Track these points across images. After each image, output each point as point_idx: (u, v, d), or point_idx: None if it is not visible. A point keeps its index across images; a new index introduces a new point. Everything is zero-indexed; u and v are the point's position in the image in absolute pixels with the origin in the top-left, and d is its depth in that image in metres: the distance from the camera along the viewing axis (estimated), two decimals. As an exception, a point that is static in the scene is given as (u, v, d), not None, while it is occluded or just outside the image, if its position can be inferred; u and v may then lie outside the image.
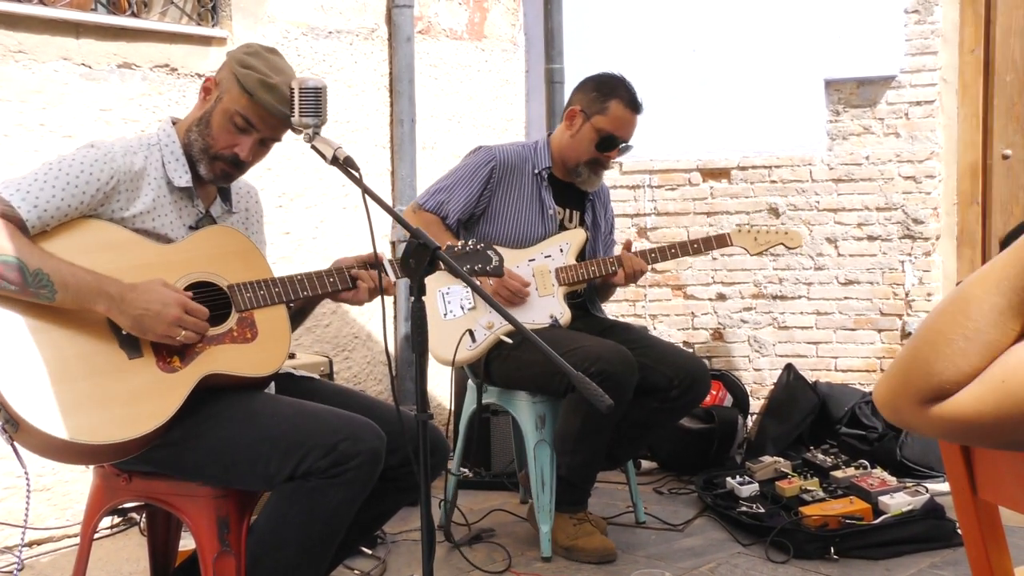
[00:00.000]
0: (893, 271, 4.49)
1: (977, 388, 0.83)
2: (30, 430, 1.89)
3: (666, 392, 3.06)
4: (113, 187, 2.06)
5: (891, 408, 0.89)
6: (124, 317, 1.97)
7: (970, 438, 0.89)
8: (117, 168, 2.07)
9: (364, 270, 2.26)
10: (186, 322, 2.00)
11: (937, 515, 3.18)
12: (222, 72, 2.19)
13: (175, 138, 2.20)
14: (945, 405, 0.85)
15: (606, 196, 3.48)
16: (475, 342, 3.07)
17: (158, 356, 2.03)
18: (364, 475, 2.02)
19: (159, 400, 2.00)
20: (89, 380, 1.95)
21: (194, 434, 2.04)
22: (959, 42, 4.46)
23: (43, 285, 1.91)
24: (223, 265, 2.15)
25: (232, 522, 2.08)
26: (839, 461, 3.62)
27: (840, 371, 4.56)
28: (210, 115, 2.17)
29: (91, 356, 1.97)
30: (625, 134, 3.21)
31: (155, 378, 2.01)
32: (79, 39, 3.27)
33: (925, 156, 4.45)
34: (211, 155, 2.18)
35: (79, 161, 2.04)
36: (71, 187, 2.00)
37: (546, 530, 3.04)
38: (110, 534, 3.29)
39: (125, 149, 2.12)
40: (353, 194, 3.99)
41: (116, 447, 1.97)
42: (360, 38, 4.15)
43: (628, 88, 3.20)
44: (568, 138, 3.23)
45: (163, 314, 1.97)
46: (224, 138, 2.16)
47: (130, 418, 1.96)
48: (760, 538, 3.17)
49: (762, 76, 4.56)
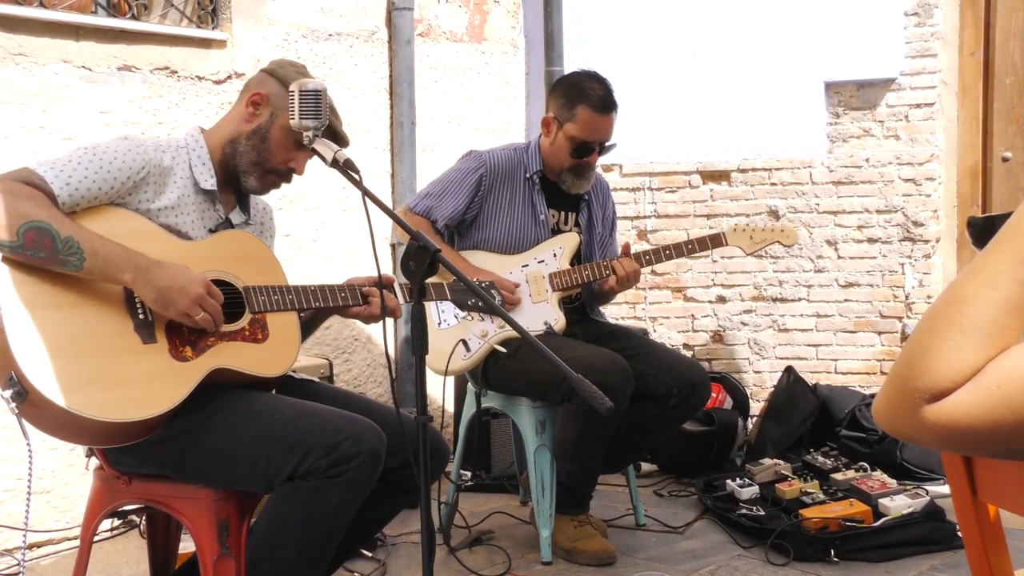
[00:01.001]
0: (893, 273, 4.49)
1: (971, 391, 0.80)
2: (39, 400, 1.89)
3: (665, 400, 3.05)
4: (143, 177, 2.10)
5: (888, 417, 0.86)
6: (149, 289, 1.99)
7: (967, 446, 0.85)
8: (149, 160, 2.11)
9: (375, 288, 2.27)
10: (207, 303, 2.03)
11: (937, 518, 3.18)
12: (270, 86, 2.21)
13: (203, 144, 2.24)
14: (940, 407, 0.81)
15: (604, 194, 3.41)
16: (469, 351, 3.06)
17: (171, 344, 2.05)
18: (364, 475, 2.02)
19: (168, 387, 2.02)
20: (102, 359, 1.97)
21: (196, 429, 2.05)
22: (959, 44, 4.46)
23: (72, 252, 1.93)
24: (240, 267, 2.19)
25: (232, 524, 2.08)
26: (839, 463, 3.62)
27: (840, 373, 4.56)
28: (267, 131, 2.21)
29: (106, 336, 1.99)
30: (599, 137, 3.13)
31: (166, 365, 2.03)
32: (79, 41, 3.27)
33: (925, 159, 4.45)
34: (265, 169, 2.24)
35: (113, 149, 2.08)
36: (104, 171, 2.04)
37: (546, 535, 3.04)
38: (110, 537, 3.29)
39: (156, 145, 2.17)
40: (353, 196, 3.99)
41: (120, 427, 1.97)
42: (360, 40, 4.15)
43: (595, 89, 3.10)
44: (548, 145, 3.20)
45: (188, 290, 2.00)
46: (281, 154, 2.23)
47: (137, 400, 1.97)
48: (760, 540, 3.17)
49: (762, 78, 4.57)
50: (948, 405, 0.81)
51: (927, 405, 0.82)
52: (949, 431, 0.81)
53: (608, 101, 3.11)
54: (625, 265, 3.12)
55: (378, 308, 2.26)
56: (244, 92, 2.28)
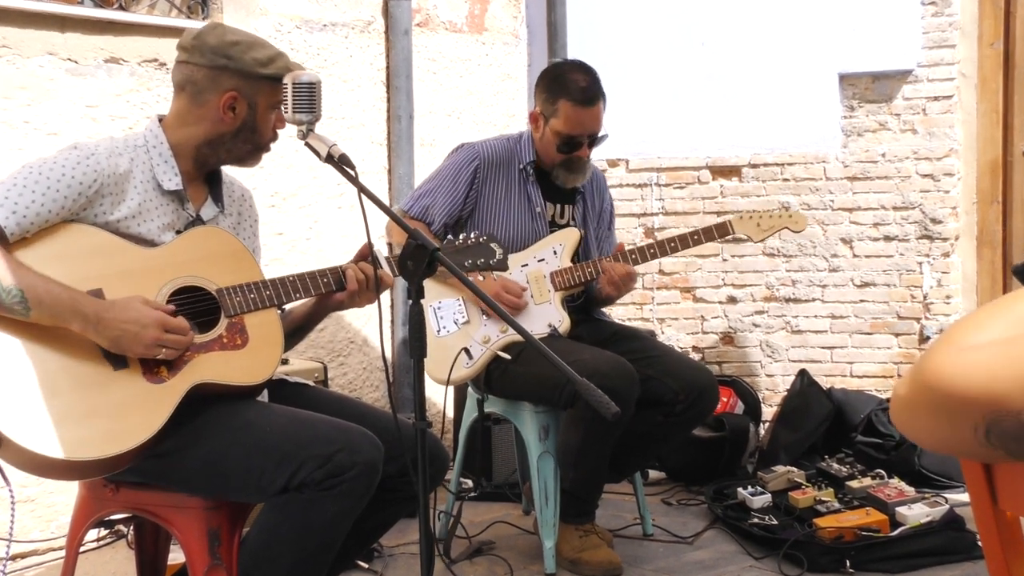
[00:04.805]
0: (911, 273, 4.49)
1: (997, 348, 0.84)
2: (12, 447, 1.90)
3: (671, 406, 3.04)
4: (96, 191, 2.05)
5: (907, 376, 0.92)
6: (101, 338, 1.97)
7: (977, 401, 0.88)
8: (101, 170, 2.06)
9: (355, 265, 2.25)
10: (166, 341, 2.00)
11: (957, 527, 3.18)
12: (232, 81, 2.15)
13: (163, 139, 2.19)
14: (963, 352, 0.85)
15: (600, 186, 3.38)
16: (472, 359, 3.05)
17: (144, 366, 2.02)
18: (360, 487, 2.02)
19: (146, 413, 1.99)
20: (73, 393, 1.95)
21: (184, 445, 2.04)
22: (978, 35, 4.46)
23: (17, 301, 1.91)
24: (211, 268, 2.15)
25: (223, 534, 2.08)
26: (855, 471, 3.61)
27: (856, 377, 4.56)
28: (254, 122, 2.20)
29: (74, 368, 1.97)
30: (584, 130, 3.10)
31: (142, 390, 2.01)
32: (65, 33, 3.28)
33: (943, 153, 4.45)
34: (259, 147, 2.25)
35: (60, 164, 2.03)
36: (52, 191, 1.99)
37: (550, 545, 3.04)
38: (97, 547, 3.29)
39: (110, 150, 2.11)
40: (348, 193, 3.99)
41: (102, 463, 1.97)
42: (356, 31, 4.16)
43: (576, 80, 3.07)
44: (538, 141, 3.19)
45: (141, 336, 1.97)
46: (269, 128, 2.23)
47: (116, 432, 1.96)
48: (772, 551, 3.16)
49: (774, 70, 4.57)
50: (964, 352, 0.86)
51: (946, 351, 0.87)
52: (966, 387, 0.85)
53: (591, 92, 3.07)
54: (617, 269, 3.08)
55: (355, 283, 2.22)
56: (188, 87, 2.18)
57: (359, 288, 2.24)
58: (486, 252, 2.40)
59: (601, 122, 3.13)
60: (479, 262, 2.38)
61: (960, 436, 0.89)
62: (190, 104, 2.19)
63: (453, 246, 2.38)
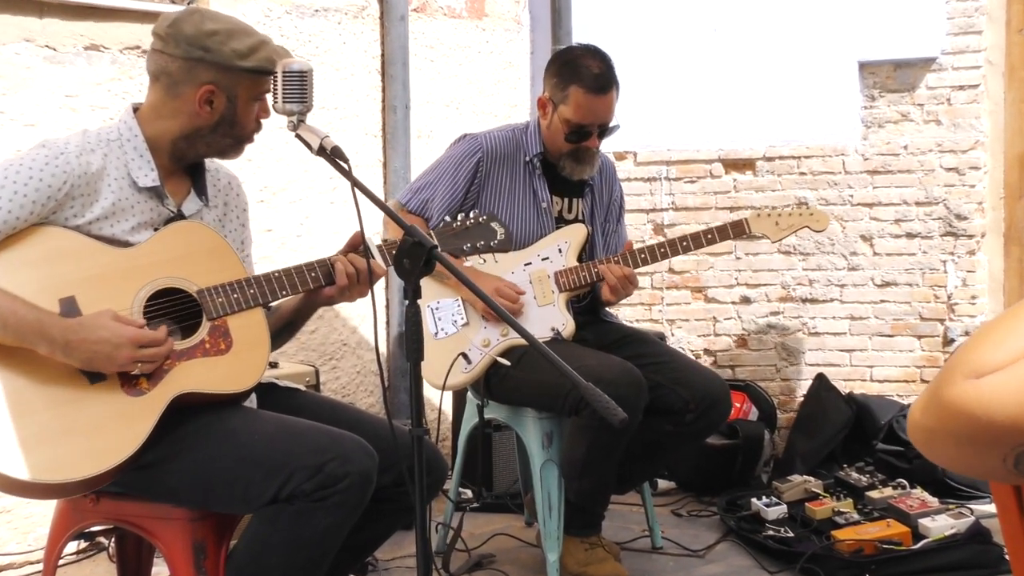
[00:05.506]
0: (934, 271, 4.48)
1: (1012, 372, 0.85)
2: None
3: (681, 415, 3.03)
4: (67, 193, 2.04)
5: (924, 397, 0.92)
6: (72, 360, 1.96)
7: (1006, 434, 0.88)
8: (71, 171, 2.04)
9: (344, 258, 2.23)
10: (142, 357, 1.99)
11: (983, 539, 3.18)
12: (210, 74, 2.12)
13: (138, 132, 2.17)
14: (978, 383, 0.86)
15: (610, 177, 3.37)
16: (470, 363, 3.04)
17: (123, 378, 2.01)
18: (353, 498, 2.02)
19: (126, 428, 1.99)
20: (49, 411, 1.95)
21: (168, 456, 2.04)
22: (1006, 21, 4.45)
23: None
24: (191, 267, 2.13)
25: (209, 547, 2.08)
26: (875, 480, 3.61)
27: (876, 381, 4.56)
28: (234, 114, 2.17)
29: (49, 384, 1.96)
30: (595, 119, 3.09)
31: (121, 403, 2.00)
32: (42, 19, 3.27)
33: (969, 146, 4.44)
34: (241, 138, 2.23)
35: (27, 166, 2.01)
36: (20, 196, 1.98)
37: (553, 559, 3.03)
38: (76, 560, 3.29)
39: (80, 148, 2.09)
40: (341, 187, 3.99)
41: (82, 483, 1.97)
42: (349, 17, 4.15)
43: (590, 66, 3.07)
44: (545, 128, 3.19)
45: (113, 356, 1.96)
46: (251, 120, 2.21)
47: (95, 450, 1.95)
48: (789, 565, 3.17)
49: (790, 58, 4.56)
50: (986, 382, 0.86)
51: (964, 380, 0.87)
52: (991, 410, 0.86)
53: (604, 80, 3.07)
54: (614, 271, 3.04)
55: (343, 276, 2.21)
56: (162, 78, 2.15)
57: (349, 282, 2.23)
58: (486, 233, 2.37)
59: (613, 112, 3.13)
60: (479, 244, 2.36)
61: (989, 465, 0.89)
62: (165, 96, 2.17)
63: (451, 228, 2.37)
